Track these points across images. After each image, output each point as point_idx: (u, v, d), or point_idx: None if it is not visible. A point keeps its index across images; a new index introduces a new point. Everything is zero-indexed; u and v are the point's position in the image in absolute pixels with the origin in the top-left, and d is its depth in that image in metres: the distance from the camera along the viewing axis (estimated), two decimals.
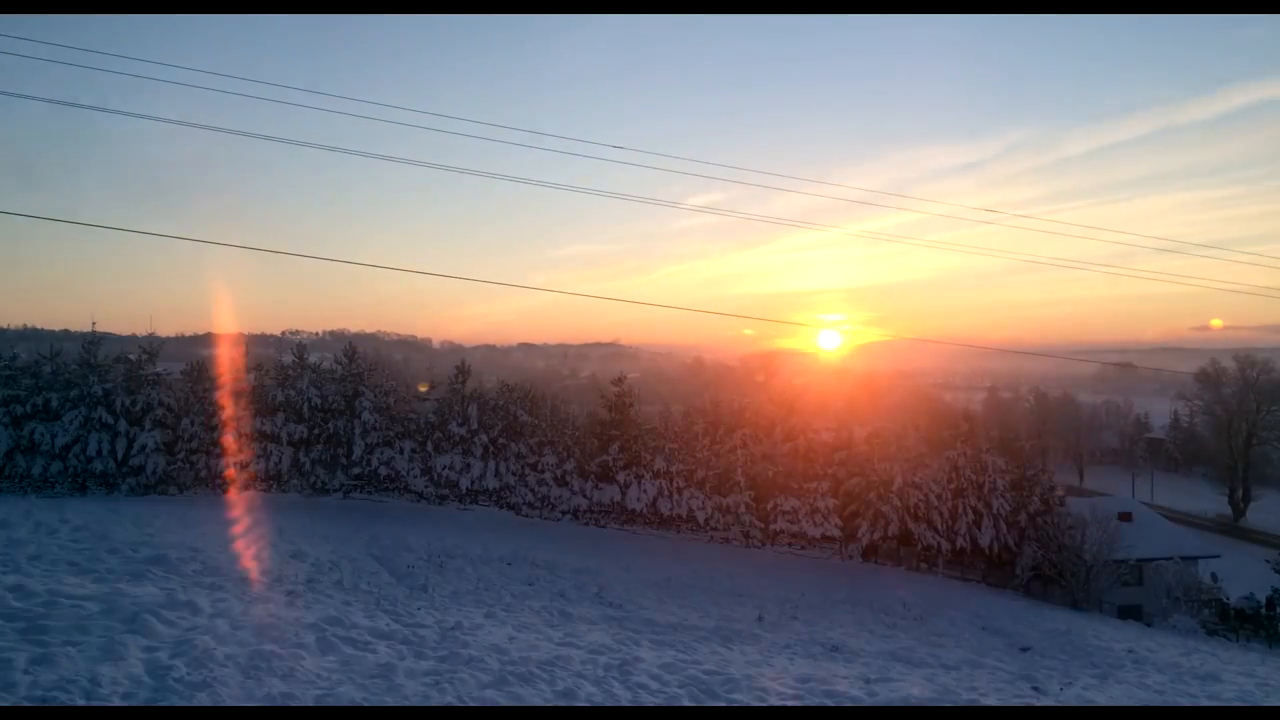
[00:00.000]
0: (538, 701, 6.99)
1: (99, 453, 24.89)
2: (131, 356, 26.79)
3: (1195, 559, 31.35)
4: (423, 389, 29.46)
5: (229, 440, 26.04)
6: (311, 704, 6.22)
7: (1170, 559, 29.79)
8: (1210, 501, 61.12)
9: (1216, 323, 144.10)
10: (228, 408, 26.30)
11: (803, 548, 28.27)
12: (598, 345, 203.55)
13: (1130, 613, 27.89)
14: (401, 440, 28.38)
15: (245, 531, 17.91)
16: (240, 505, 23.55)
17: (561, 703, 7.10)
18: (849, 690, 8.63)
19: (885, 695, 8.53)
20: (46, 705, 5.61)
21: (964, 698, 9.19)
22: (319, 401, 27.70)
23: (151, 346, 26.97)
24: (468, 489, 28.05)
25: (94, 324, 27.15)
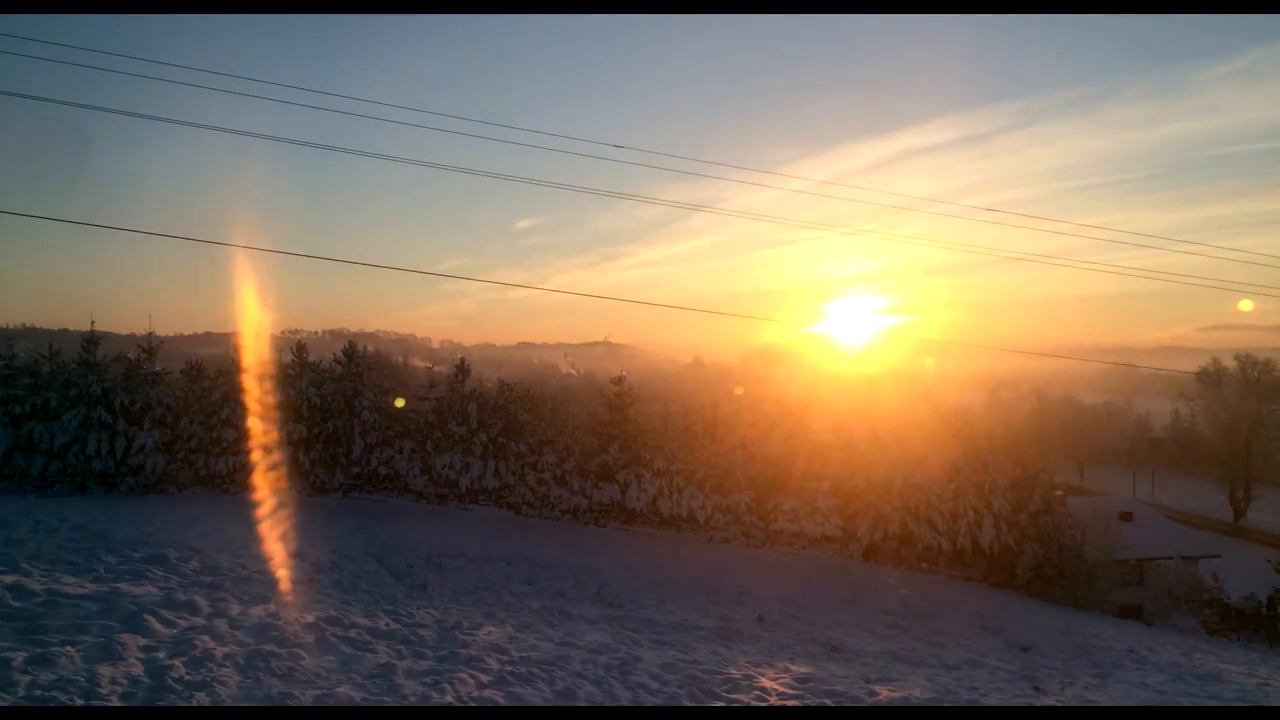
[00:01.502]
0: (537, 701, 6.97)
1: (98, 452, 24.85)
2: (130, 355, 26.72)
3: (1196, 558, 31.37)
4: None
5: (228, 440, 26.01)
6: (311, 704, 6.21)
7: (1171, 558, 29.79)
8: (1211, 501, 61.14)
9: (1246, 305, 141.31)
10: (227, 407, 26.27)
11: (803, 547, 28.23)
12: (596, 344, 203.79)
13: (1131, 612, 27.89)
14: (401, 440, 28.34)
15: (244, 531, 17.87)
16: (239, 505, 23.52)
17: (561, 703, 7.08)
18: (849, 690, 8.61)
19: (885, 695, 8.51)
20: (45, 705, 5.60)
21: (964, 697, 9.18)
22: (318, 401, 27.68)
23: (150, 345, 26.89)
24: (467, 488, 28.02)
25: (93, 323, 27.03)
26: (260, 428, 26.02)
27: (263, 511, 22.16)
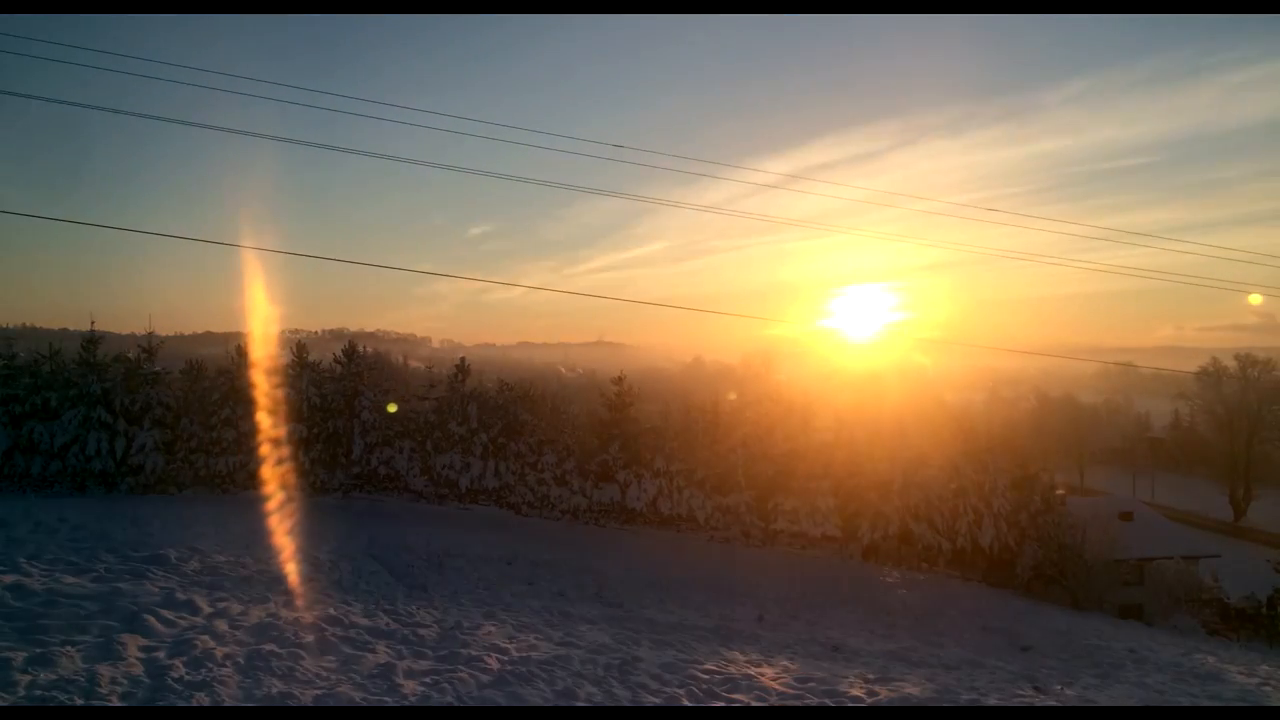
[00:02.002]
0: (537, 701, 6.97)
1: (98, 452, 24.85)
2: (130, 355, 26.71)
3: (1196, 558, 31.37)
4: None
5: (228, 440, 26.00)
6: (310, 704, 6.21)
7: (1171, 558, 29.79)
8: (1211, 501, 61.12)
9: (1256, 299, 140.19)
10: (227, 407, 26.26)
11: (803, 547, 28.23)
12: (596, 344, 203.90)
13: (1131, 612, 27.87)
14: (401, 439, 28.34)
15: (244, 531, 17.88)
16: (239, 505, 23.53)
17: (561, 703, 7.08)
18: (849, 690, 8.61)
19: (885, 695, 8.51)
20: (45, 705, 5.60)
21: (964, 697, 9.17)
22: (318, 401, 27.67)
23: (150, 345, 26.88)
24: (467, 488, 28.02)
25: (93, 322, 26.99)
26: (260, 427, 26.04)
27: (263, 511, 22.17)
